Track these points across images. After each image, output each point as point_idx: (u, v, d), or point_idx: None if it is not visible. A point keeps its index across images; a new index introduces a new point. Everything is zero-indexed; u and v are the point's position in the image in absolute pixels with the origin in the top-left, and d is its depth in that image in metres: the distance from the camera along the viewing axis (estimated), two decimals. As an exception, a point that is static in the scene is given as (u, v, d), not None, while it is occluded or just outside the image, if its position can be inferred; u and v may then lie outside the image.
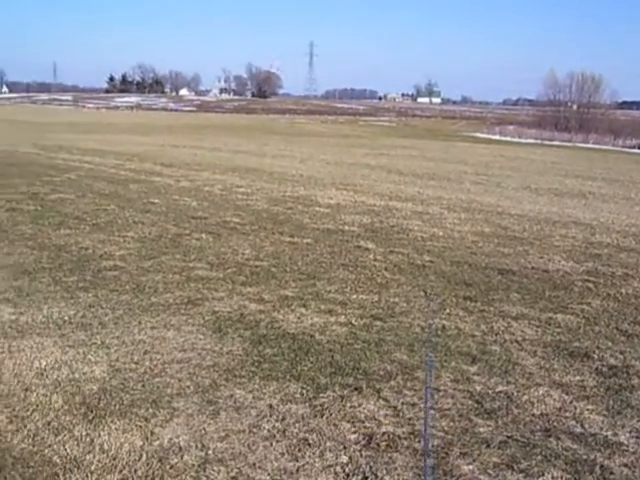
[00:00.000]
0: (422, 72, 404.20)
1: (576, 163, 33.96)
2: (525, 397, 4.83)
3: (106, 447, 3.93)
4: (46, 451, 3.88)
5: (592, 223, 13.20)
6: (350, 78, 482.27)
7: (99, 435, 4.05)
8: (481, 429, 4.32)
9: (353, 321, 6.37)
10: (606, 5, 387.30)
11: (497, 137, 64.06)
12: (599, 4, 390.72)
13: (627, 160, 41.92)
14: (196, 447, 3.97)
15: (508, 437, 4.23)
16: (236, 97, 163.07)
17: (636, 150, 55.54)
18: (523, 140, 60.77)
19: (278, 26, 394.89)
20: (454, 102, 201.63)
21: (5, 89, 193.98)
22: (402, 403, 4.64)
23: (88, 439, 4.01)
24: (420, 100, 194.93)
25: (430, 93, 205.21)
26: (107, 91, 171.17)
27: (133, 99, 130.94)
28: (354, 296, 7.22)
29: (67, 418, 4.26)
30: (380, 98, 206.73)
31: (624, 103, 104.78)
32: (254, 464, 3.84)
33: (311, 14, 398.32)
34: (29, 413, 4.32)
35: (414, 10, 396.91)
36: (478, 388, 4.95)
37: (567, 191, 19.67)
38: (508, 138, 62.77)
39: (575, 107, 73.22)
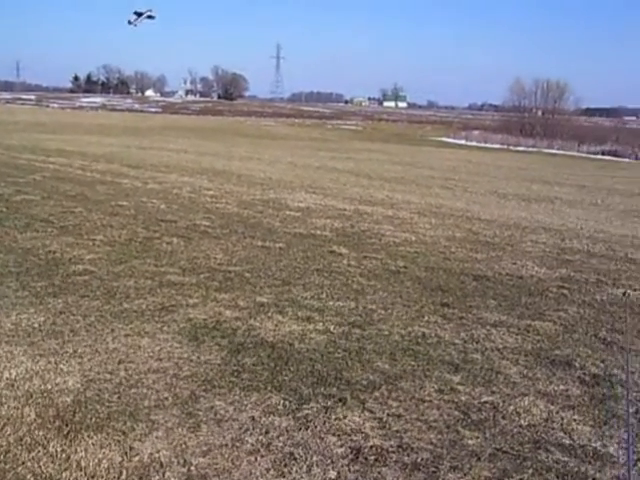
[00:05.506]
0: (388, 76, 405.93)
1: (542, 169, 34.34)
2: (511, 407, 4.73)
3: (83, 464, 3.74)
4: (19, 469, 3.68)
5: (561, 229, 13.25)
6: (316, 82, 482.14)
7: (75, 451, 3.86)
8: (470, 441, 4.21)
9: (332, 329, 6.24)
10: (572, 13, 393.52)
11: (463, 142, 64.66)
12: (565, 12, 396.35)
13: (592, 166, 42.51)
14: (178, 463, 3.80)
15: (497, 449, 4.12)
16: (202, 99, 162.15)
17: (600, 156, 56.51)
18: (489, 145, 61.46)
19: (245, 27, 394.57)
20: (420, 106, 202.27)
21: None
22: (388, 414, 4.51)
23: (64, 455, 3.82)
24: (386, 104, 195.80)
25: (396, 97, 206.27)
26: (72, 91, 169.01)
27: (98, 99, 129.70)
28: (331, 302, 7.09)
29: (41, 433, 4.06)
30: (346, 102, 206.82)
31: (588, 110, 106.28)
32: (238, 480, 3.69)
33: (278, 16, 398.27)
34: (0, 427, 4.12)
35: (380, 14, 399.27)
36: (463, 398, 4.85)
37: (535, 197, 19.84)
38: (474, 143, 63.47)
39: (540, 113, 74.25)
